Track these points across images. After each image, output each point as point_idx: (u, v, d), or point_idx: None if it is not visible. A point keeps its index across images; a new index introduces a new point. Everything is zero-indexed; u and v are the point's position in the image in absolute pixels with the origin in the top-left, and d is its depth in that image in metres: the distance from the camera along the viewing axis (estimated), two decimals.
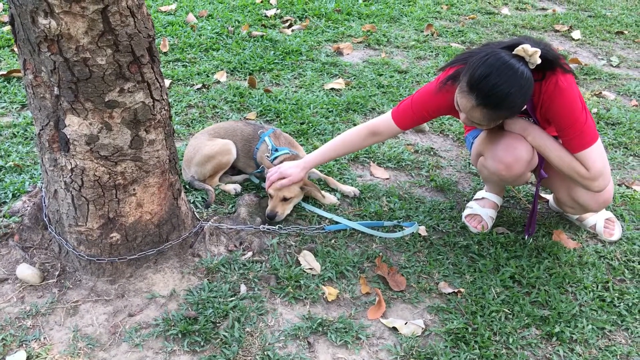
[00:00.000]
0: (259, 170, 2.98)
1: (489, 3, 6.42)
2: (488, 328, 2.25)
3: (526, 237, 2.74)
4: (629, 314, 2.37)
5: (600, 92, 4.39)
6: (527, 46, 2.17)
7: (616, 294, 2.46)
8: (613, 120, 3.95)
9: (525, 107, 2.36)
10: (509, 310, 2.34)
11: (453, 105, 2.43)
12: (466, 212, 2.89)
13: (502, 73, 2.15)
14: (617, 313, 2.37)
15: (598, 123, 3.91)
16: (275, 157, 2.89)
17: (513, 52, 2.20)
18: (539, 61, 2.18)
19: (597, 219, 2.84)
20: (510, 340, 2.20)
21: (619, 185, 3.25)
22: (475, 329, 2.24)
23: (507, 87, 2.16)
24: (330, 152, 2.78)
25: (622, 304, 2.42)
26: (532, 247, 2.69)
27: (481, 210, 2.84)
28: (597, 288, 2.49)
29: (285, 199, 2.74)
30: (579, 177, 2.40)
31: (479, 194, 2.94)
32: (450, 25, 5.69)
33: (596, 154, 2.36)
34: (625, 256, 2.69)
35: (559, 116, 2.34)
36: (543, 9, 6.45)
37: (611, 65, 4.99)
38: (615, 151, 3.62)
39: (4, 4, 5.25)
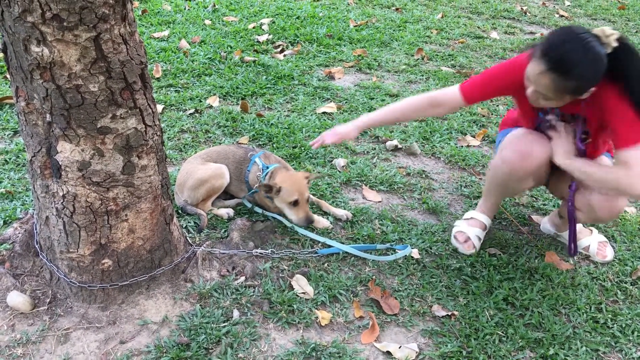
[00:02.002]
0: (251, 192, 2.98)
1: (478, 27, 6.51)
2: (482, 351, 2.24)
3: (571, 258, 2.76)
4: (622, 335, 2.37)
5: None
6: (606, 28, 2.17)
7: (609, 316, 2.46)
8: None
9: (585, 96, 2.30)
10: (502, 332, 2.34)
11: (522, 83, 2.40)
12: (454, 230, 2.90)
13: (577, 43, 2.14)
14: (611, 334, 2.37)
15: None
16: (267, 173, 2.90)
17: (592, 31, 2.19)
18: (615, 44, 2.16)
19: (591, 241, 2.85)
20: None
21: None
22: (469, 352, 2.23)
23: (579, 56, 2.14)
24: (387, 117, 2.76)
25: (615, 325, 2.42)
26: (524, 269, 2.69)
27: (468, 228, 2.85)
28: (591, 309, 2.49)
29: (307, 200, 2.81)
30: (625, 177, 2.28)
31: (468, 214, 2.95)
32: (440, 49, 5.76)
33: None
34: (618, 277, 2.70)
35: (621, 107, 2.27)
36: (531, 32, 6.55)
37: None
38: None
39: None
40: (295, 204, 2.77)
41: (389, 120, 2.82)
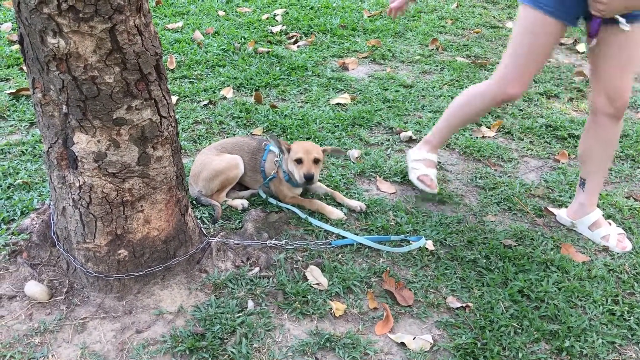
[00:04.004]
0: (267, 180, 2.99)
1: (494, 17, 6.44)
2: (497, 343, 2.24)
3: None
4: (639, 327, 2.35)
5: None
6: None
7: (626, 308, 2.44)
8: (620, 133, 3.93)
9: None
10: (518, 324, 2.33)
11: None
12: (416, 172, 3.09)
13: None
14: (628, 327, 2.35)
15: None
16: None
17: None
18: None
19: (611, 233, 2.83)
20: (520, 355, 2.19)
21: (627, 197, 3.24)
22: (484, 344, 2.22)
23: None
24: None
25: (632, 317, 2.40)
26: (540, 260, 2.68)
27: (427, 170, 3.07)
28: (607, 302, 2.47)
29: (316, 161, 2.85)
30: None
31: (419, 154, 3.15)
32: (455, 39, 5.71)
33: None
34: (635, 269, 2.67)
35: None
36: None
37: None
38: (623, 163, 3.60)
39: (13, 23, 5.31)
40: (299, 161, 2.84)
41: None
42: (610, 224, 2.90)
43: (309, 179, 2.82)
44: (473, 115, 2.98)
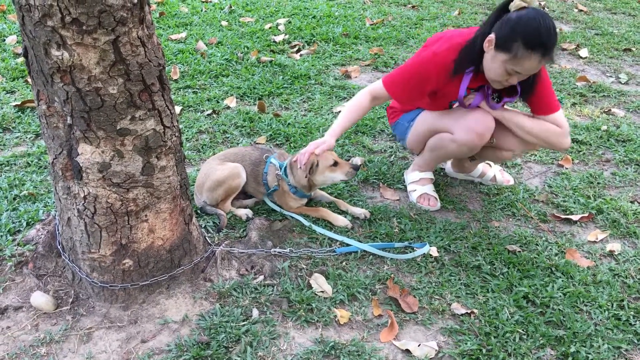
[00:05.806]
0: (270, 191, 3.00)
1: None
2: (502, 349, 2.23)
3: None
4: None
5: (610, 110, 4.38)
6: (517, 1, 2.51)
7: (632, 312, 2.43)
8: (623, 137, 3.94)
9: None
10: (523, 330, 2.32)
11: (445, 78, 2.75)
12: (415, 194, 3.15)
13: (545, 18, 2.46)
14: (633, 332, 2.35)
15: (608, 140, 3.91)
16: (285, 167, 2.97)
17: (519, 7, 2.52)
18: (536, 4, 2.53)
19: (495, 172, 3.37)
20: None
21: (631, 202, 3.23)
22: (489, 350, 2.22)
23: (551, 24, 2.47)
24: (347, 122, 2.97)
25: (638, 322, 2.39)
26: (545, 266, 2.67)
27: (425, 188, 3.16)
28: (612, 307, 2.46)
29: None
30: (554, 136, 2.78)
31: (413, 177, 3.21)
32: None
33: (563, 116, 2.83)
34: None
35: (540, 78, 2.71)
36: None
37: (620, 83, 4.99)
38: (627, 168, 3.60)
39: (18, 36, 5.36)
40: (335, 164, 2.88)
41: (350, 124, 3.03)
42: (490, 165, 3.40)
43: (357, 168, 2.92)
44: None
